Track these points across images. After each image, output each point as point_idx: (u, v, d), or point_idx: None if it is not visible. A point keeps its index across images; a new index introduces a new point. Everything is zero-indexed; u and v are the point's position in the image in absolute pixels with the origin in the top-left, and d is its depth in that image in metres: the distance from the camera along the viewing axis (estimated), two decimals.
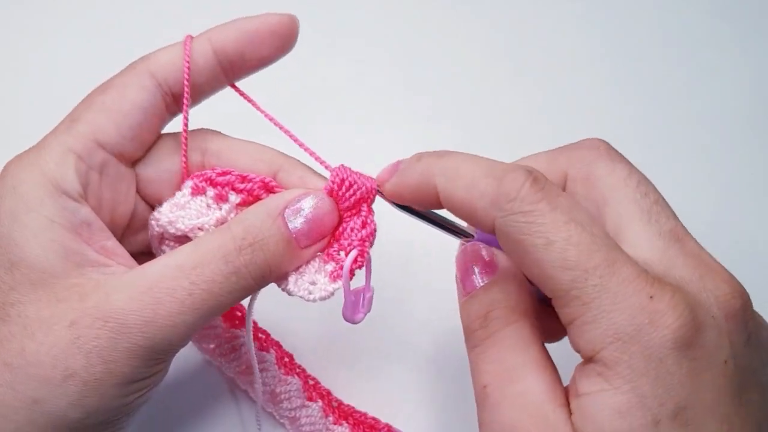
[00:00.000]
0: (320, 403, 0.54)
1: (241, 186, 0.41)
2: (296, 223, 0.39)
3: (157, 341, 0.36)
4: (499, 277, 0.38)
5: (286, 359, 0.55)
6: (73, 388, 0.35)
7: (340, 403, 0.55)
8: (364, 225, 0.41)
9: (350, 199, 0.41)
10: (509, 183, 0.34)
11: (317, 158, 0.43)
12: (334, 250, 0.41)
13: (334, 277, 0.41)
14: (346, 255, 0.41)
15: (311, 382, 0.55)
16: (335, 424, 0.54)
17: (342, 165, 0.42)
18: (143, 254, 0.45)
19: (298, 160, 0.44)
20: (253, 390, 0.55)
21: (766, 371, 0.35)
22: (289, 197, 0.40)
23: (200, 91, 0.43)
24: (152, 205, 0.45)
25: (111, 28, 0.73)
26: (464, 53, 0.76)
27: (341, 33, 0.76)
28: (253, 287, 0.39)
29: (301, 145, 0.44)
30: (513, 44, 0.77)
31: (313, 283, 0.41)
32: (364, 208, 0.41)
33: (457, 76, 0.75)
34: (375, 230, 0.42)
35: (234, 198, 0.42)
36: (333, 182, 0.41)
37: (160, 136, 0.44)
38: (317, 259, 0.41)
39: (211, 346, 0.53)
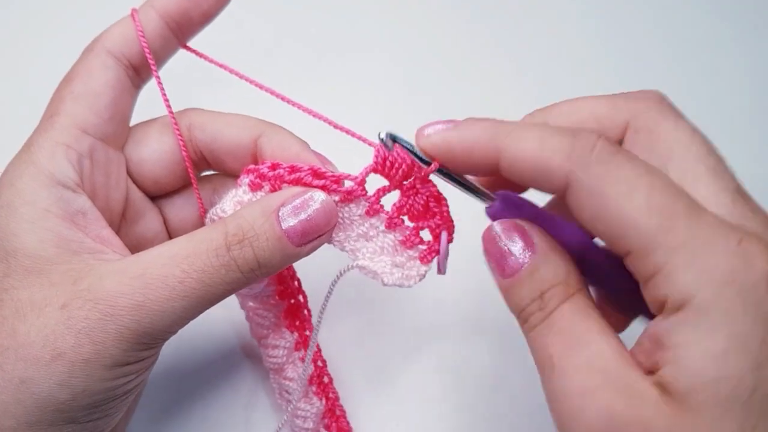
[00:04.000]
0: None
1: (291, 177, 0.41)
2: (291, 221, 0.39)
3: (145, 326, 0.37)
4: (541, 254, 0.37)
5: (326, 379, 0.54)
6: (60, 368, 0.36)
7: None
8: (438, 200, 0.41)
9: (396, 176, 0.41)
10: (584, 140, 0.35)
11: (357, 136, 0.43)
12: (413, 234, 0.42)
13: (426, 260, 0.42)
14: (435, 236, 0.42)
15: (338, 413, 0.54)
16: None
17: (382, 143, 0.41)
18: (139, 249, 0.45)
19: (279, 126, 0.44)
20: (276, 386, 0.53)
21: None
22: (287, 195, 0.40)
23: (157, 57, 0.44)
24: (145, 191, 0.46)
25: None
26: (466, 54, 0.76)
27: (341, 32, 0.76)
28: (243, 280, 0.39)
29: (330, 121, 0.43)
30: (513, 44, 0.77)
31: (398, 267, 0.42)
32: (430, 185, 0.41)
33: (457, 76, 0.75)
34: (446, 201, 0.42)
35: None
36: (376, 162, 0.41)
37: (145, 121, 0.46)
38: (390, 239, 0.42)
39: (264, 331, 0.51)
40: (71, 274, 0.37)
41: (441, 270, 0.43)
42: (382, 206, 0.42)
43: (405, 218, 0.42)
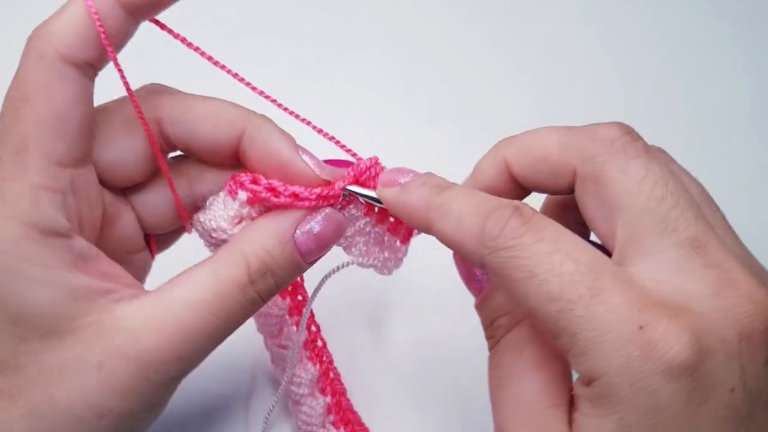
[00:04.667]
0: (328, 399, 0.54)
1: (277, 201, 0.41)
2: (306, 243, 0.40)
3: (185, 372, 0.38)
4: (491, 282, 0.39)
5: (320, 343, 0.54)
6: (108, 423, 0.36)
7: (349, 408, 0.55)
8: None
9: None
10: (494, 221, 0.34)
11: (344, 147, 0.44)
12: (396, 220, 0.43)
13: (405, 241, 0.44)
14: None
15: (332, 375, 0.55)
16: (334, 425, 0.54)
17: (372, 159, 0.42)
18: (117, 251, 0.43)
19: (264, 118, 0.41)
20: (270, 352, 0.54)
21: None
22: (298, 216, 0.40)
23: (115, 45, 0.37)
24: (117, 187, 0.42)
25: None
26: (464, 53, 0.76)
27: (341, 32, 0.76)
28: (262, 305, 0.40)
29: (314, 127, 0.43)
30: (512, 43, 0.77)
31: (388, 252, 0.44)
32: None
33: (457, 76, 0.75)
34: None
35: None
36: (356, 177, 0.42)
37: (105, 111, 0.41)
38: (380, 230, 0.43)
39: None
40: (95, 328, 0.36)
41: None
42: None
43: None
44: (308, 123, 0.43)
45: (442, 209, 0.36)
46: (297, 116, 0.43)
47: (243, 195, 0.41)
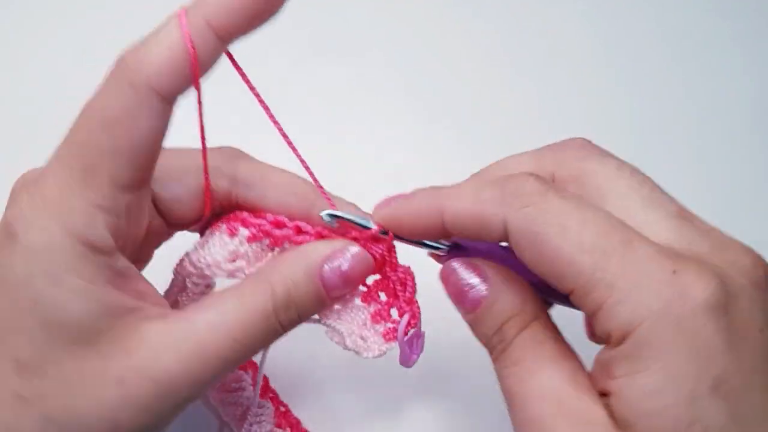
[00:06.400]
0: None
1: (298, 239, 0.41)
2: (332, 279, 0.40)
3: (199, 395, 0.38)
4: (495, 288, 0.38)
5: (282, 408, 0.53)
6: None
7: None
8: (404, 284, 0.42)
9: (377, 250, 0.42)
10: (515, 182, 0.36)
11: (326, 197, 0.42)
12: (383, 309, 0.42)
13: (389, 338, 0.42)
14: (399, 315, 0.42)
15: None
16: None
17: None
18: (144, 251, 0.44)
19: (331, 198, 0.42)
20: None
21: None
22: (328, 252, 0.40)
23: (202, 73, 0.37)
24: (165, 218, 0.43)
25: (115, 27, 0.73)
26: (463, 53, 0.76)
27: (340, 32, 0.76)
28: (281, 334, 0.40)
29: (306, 167, 0.42)
30: (513, 44, 0.77)
31: (363, 339, 0.42)
32: (400, 266, 0.42)
33: (457, 76, 0.75)
34: (415, 286, 0.43)
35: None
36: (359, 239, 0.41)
37: (180, 154, 0.42)
38: (362, 311, 0.42)
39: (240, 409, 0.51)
40: (121, 345, 0.36)
41: (401, 359, 0.42)
42: (363, 281, 0.43)
43: (382, 294, 0.43)
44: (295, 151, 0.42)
45: (453, 192, 0.38)
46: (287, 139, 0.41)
47: (245, 232, 0.41)
